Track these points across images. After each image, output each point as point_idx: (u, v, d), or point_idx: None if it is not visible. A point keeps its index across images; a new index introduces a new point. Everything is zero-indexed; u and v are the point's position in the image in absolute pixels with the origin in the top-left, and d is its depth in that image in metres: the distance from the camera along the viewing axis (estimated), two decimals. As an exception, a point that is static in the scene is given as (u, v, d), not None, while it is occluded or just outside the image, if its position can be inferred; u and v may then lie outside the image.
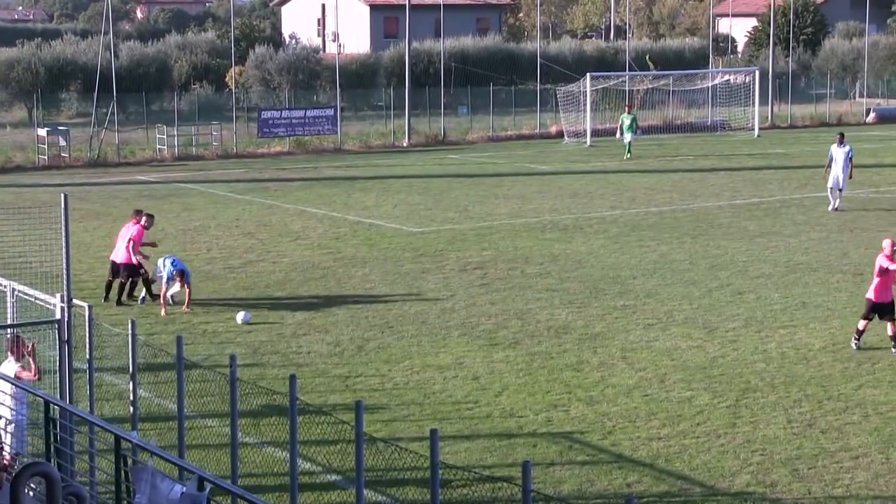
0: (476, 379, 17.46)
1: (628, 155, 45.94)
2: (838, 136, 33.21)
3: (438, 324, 20.66)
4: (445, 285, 23.73)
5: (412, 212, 33.47)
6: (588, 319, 20.80)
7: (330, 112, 52.64)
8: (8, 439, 12.97)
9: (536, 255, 26.72)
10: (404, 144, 53.21)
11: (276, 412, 15.19)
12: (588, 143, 52.04)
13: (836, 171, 32.14)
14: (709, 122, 58.87)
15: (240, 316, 20.80)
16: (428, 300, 22.46)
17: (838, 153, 32.18)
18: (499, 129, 56.57)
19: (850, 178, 32.73)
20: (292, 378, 11.41)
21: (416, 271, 25.11)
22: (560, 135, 55.16)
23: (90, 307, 13.77)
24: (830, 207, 32.19)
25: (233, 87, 58.42)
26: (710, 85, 60.35)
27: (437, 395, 16.77)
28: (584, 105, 53.38)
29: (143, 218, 23.00)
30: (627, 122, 47.01)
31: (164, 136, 49.31)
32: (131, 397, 13.74)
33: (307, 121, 51.47)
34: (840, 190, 32.24)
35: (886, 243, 18.72)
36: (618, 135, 48.25)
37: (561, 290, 23.07)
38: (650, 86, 59.78)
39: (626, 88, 58.54)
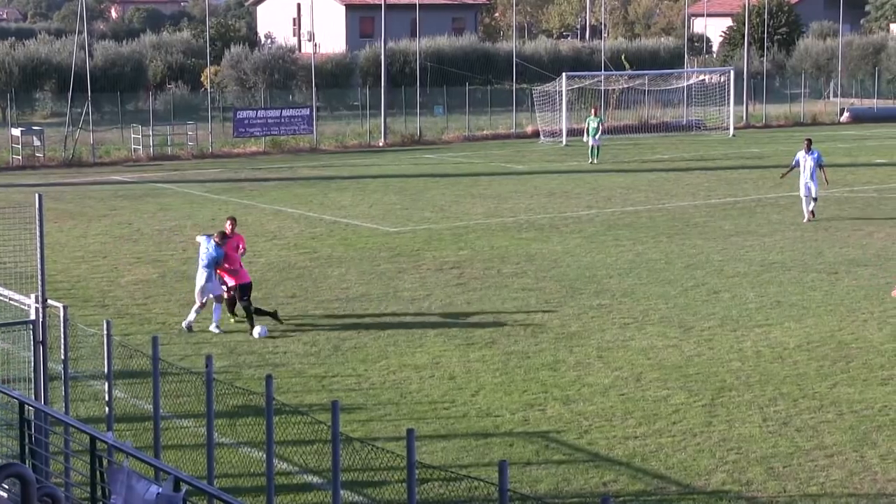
0: (452, 378, 17.43)
1: (595, 160, 44.55)
2: (806, 141, 31.56)
3: (415, 323, 20.62)
4: (422, 285, 23.68)
5: (388, 211, 33.41)
6: (564, 319, 20.79)
7: (306, 112, 52.58)
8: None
9: (513, 254, 26.71)
10: (380, 144, 53.18)
11: (252, 412, 15.10)
12: (564, 142, 52.07)
13: (805, 180, 30.56)
14: (684, 122, 59.05)
15: (257, 330, 19.90)
16: (404, 300, 22.42)
17: (806, 160, 30.58)
18: (475, 128, 56.61)
19: (827, 183, 31.27)
20: (268, 378, 11.36)
21: (393, 271, 25.07)
22: (536, 134, 55.24)
23: (65, 307, 13.66)
24: (805, 219, 30.44)
25: (208, 87, 58.23)
26: (685, 85, 60.58)
27: (413, 394, 16.73)
28: (560, 105, 53.45)
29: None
30: (594, 124, 45.22)
31: (140, 136, 49.14)
32: (107, 398, 13.64)
33: (283, 120, 51.38)
34: (814, 199, 30.65)
35: None
36: (584, 137, 46.82)
37: (537, 290, 23.06)
38: (626, 86, 59.93)
39: (602, 88, 58.67)
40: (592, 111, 47.95)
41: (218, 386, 12.87)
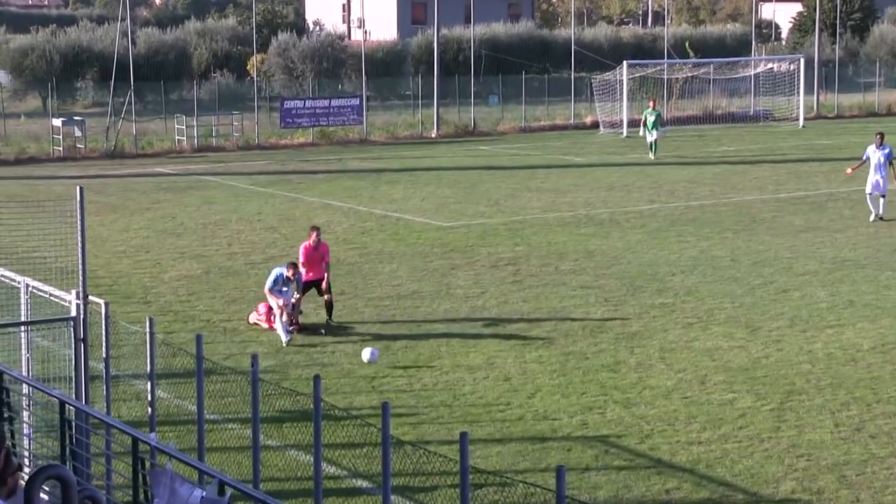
0: (508, 380, 17.18)
1: (653, 155, 43.42)
2: (878, 136, 30.50)
3: (469, 322, 20.38)
4: (476, 282, 23.40)
5: (441, 205, 33.18)
6: (625, 318, 20.49)
7: (355, 101, 52.27)
8: (25, 442, 12.82)
9: (571, 250, 26.38)
10: (433, 135, 52.90)
11: (299, 414, 15.00)
12: (625, 133, 51.65)
13: (874, 176, 29.53)
14: (751, 113, 58.34)
15: (366, 354, 18.01)
16: (458, 297, 22.14)
17: (875, 155, 29.61)
18: (531, 119, 56.26)
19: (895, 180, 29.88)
20: (316, 379, 11.28)
21: (446, 267, 24.79)
22: (595, 125, 54.84)
23: (106, 304, 13.56)
24: (872, 217, 29.56)
25: (254, 76, 57.84)
26: (752, 73, 59.79)
27: (467, 396, 16.52)
28: (621, 94, 52.88)
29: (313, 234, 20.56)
30: (652, 118, 43.94)
31: (184, 127, 49.01)
32: (149, 398, 13.65)
33: (332, 110, 51.09)
34: (882, 196, 29.57)
35: None
36: (641, 131, 45.89)
37: (596, 288, 22.73)
38: (690, 74, 59.22)
39: (665, 77, 57.81)
40: (651, 104, 45.78)
41: (264, 386, 13.05)
